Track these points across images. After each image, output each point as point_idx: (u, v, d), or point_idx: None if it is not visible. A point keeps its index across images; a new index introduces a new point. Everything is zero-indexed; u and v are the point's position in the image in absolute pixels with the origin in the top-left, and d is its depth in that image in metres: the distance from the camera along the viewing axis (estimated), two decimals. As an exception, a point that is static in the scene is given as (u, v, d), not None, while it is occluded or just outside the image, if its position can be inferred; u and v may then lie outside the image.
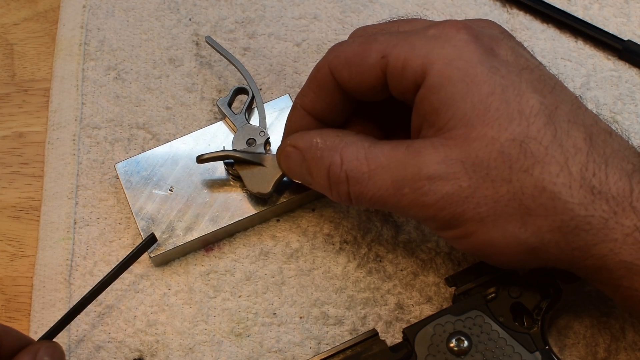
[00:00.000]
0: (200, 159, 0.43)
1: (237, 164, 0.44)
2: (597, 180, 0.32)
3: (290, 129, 0.41)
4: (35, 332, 0.43)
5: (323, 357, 0.38)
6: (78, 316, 0.40)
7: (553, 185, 0.32)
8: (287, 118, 0.41)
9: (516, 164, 0.33)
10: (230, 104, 0.46)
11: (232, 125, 0.46)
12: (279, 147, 0.41)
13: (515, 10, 0.53)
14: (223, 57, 0.48)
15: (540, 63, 0.36)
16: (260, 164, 0.43)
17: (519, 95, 0.33)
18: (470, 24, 0.36)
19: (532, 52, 0.38)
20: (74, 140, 0.49)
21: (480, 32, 0.36)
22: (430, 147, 0.34)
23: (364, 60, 0.36)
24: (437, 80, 0.34)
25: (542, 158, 0.32)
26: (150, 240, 0.42)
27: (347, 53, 0.37)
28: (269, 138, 0.45)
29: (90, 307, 0.42)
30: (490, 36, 0.36)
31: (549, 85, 0.35)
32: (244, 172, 0.43)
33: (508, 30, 0.51)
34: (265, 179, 0.43)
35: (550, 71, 0.37)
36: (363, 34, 0.40)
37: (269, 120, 0.46)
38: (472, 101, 0.33)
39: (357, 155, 0.36)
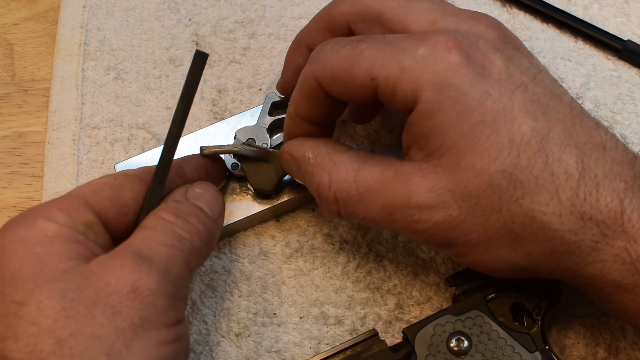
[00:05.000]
0: (204, 152, 0.42)
1: (242, 159, 0.44)
2: (587, 206, 0.32)
3: (288, 135, 0.41)
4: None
5: (323, 357, 0.38)
6: None
7: (543, 215, 0.33)
8: (285, 124, 0.41)
9: (506, 194, 0.33)
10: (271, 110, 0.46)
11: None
12: (280, 149, 0.41)
13: (515, 10, 0.53)
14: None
15: (539, 71, 0.35)
16: (264, 160, 0.43)
17: (511, 120, 0.33)
18: (462, 38, 0.34)
19: (531, 52, 0.37)
20: (74, 140, 0.49)
21: (473, 46, 0.34)
22: (419, 173, 0.34)
23: (353, 79, 0.35)
24: (428, 107, 0.34)
25: (532, 188, 0.33)
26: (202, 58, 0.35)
27: (333, 67, 0.36)
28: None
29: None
30: (483, 51, 0.34)
31: (542, 104, 0.34)
32: (248, 168, 0.43)
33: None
34: (269, 175, 0.43)
35: (550, 72, 0.37)
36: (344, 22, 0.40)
37: (258, 115, 0.46)
38: (462, 130, 0.33)
39: (345, 178, 0.36)
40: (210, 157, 0.43)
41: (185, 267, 0.35)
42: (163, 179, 0.37)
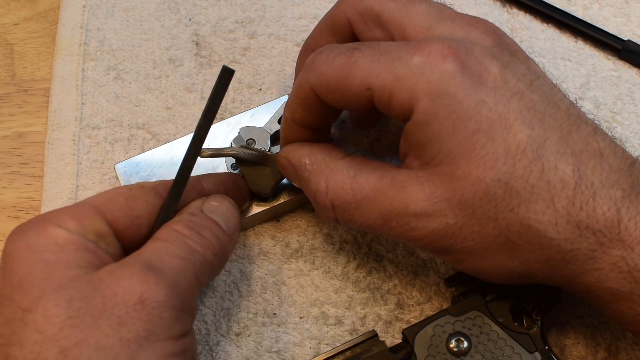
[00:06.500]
0: (202, 155, 0.42)
1: (240, 162, 0.44)
2: (584, 214, 0.32)
3: (285, 139, 0.41)
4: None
5: (323, 358, 0.38)
6: None
7: (539, 224, 0.32)
8: (281, 129, 0.41)
9: (502, 203, 0.33)
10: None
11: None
12: (277, 154, 0.41)
13: (515, 10, 0.53)
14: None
15: (536, 77, 0.35)
16: (262, 164, 0.43)
17: (506, 129, 0.33)
18: (457, 45, 0.34)
19: (530, 54, 0.37)
20: (73, 140, 0.49)
21: (468, 54, 0.34)
22: (415, 182, 0.34)
23: (348, 88, 0.35)
24: (424, 116, 0.34)
25: (527, 197, 0.32)
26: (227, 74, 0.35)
27: (328, 76, 0.36)
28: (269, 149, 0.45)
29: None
30: (479, 58, 0.34)
31: (539, 112, 0.34)
32: (246, 170, 0.43)
33: (508, 30, 0.52)
34: (267, 178, 0.43)
35: (550, 72, 0.36)
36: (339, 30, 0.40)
37: (268, 120, 0.46)
38: (458, 139, 0.33)
39: (342, 185, 0.36)
40: (231, 177, 0.43)
41: (195, 280, 0.35)
42: (180, 192, 0.37)
